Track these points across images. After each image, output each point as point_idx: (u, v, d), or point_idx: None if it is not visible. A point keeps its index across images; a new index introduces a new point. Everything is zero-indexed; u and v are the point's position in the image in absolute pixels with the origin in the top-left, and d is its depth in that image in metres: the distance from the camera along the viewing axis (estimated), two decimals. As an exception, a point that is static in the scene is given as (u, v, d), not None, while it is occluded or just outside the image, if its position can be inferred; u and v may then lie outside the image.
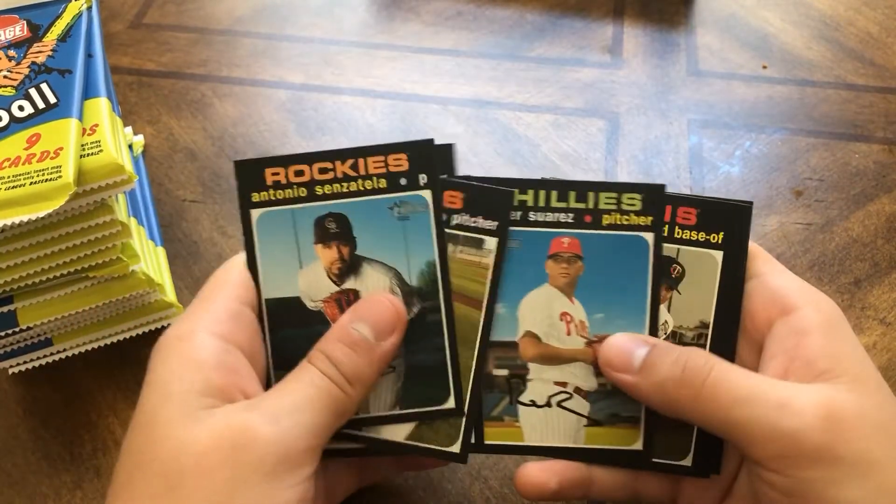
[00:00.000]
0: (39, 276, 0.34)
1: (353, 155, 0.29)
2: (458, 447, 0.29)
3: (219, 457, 0.23)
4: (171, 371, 0.25)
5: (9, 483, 0.37)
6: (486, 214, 0.29)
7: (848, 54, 0.57)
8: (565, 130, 0.52)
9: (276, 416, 0.24)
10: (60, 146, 0.32)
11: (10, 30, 0.38)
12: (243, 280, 0.29)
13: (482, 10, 0.62)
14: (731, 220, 0.29)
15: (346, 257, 0.29)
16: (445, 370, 0.29)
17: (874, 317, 0.41)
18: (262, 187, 0.29)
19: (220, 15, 0.63)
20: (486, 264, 0.29)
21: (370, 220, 0.29)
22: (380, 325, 0.28)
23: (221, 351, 0.26)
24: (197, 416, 0.24)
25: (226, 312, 0.27)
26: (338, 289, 0.29)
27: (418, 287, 0.29)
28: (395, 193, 0.29)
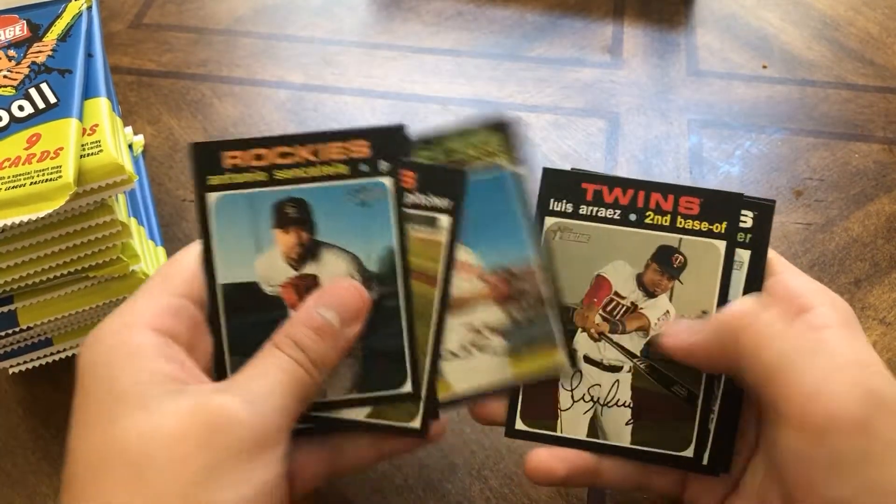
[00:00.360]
0: (39, 276, 0.34)
1: (315, 140, 0.29)
2: (418, 422, 0.29)
3: (194, 439, 0.23)
4: (115, 364, 0.25)
5: (9, 483, 0.37)
6: (440, 193, 0.29)
7: (848, 54, 0.57)
8: (565, 130, 0.52)
9: (251, 398, 0.24)
10: (60, 146, 0.32)
11: (10, 30, 0.38)
12: (188, 272, 0.28)
13: (482, 10, 0.62)
14: (734, 211, 0.30)
15: (305, 242, 0.29)
16: (403, 355, 0.29)
17: (874, 317, 0.41)
18: (220, 170, 0.29)
19: (220, 15, 0.63)
20: (441, 242, 0.29)
21: (330, 205, 0.29)
22: (345, 311, 0.28)
23: (162, 343, 0.26)
24: (156, 402, 0.23)
25: (164, 307, 0.27)
26: (296, 274, 0.29)
27: (377, 273, 0.29)
28: (356, 179, 0.29)
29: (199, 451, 0.23)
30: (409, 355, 0.29)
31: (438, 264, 0.29)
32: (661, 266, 0.30)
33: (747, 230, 0.30)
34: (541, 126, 0.52)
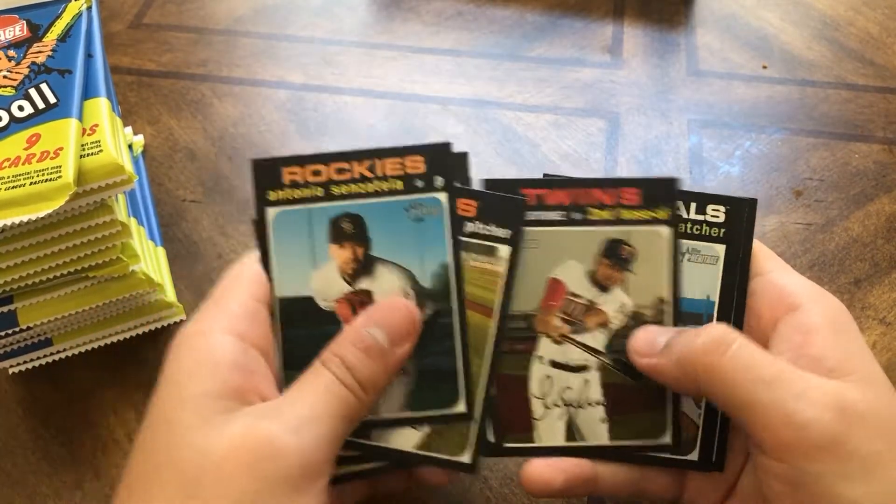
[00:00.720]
0: (39, 276, 0.34)
1: (371, 156, 0.29)
2: (468, 457, 0.29)
3: (239, 466, 0.23)
4: (187, 371, 0.25)
5: (9, 483, 0.37)
6: (499, 222, 0.29)
7: (848, 54, 0.57)
8: (565, 130, 0.52)
9: (297, 425, 0.24)
10: (60, 146, 0.32)
11: (10, 30, 0.38)
12: (258, 277, 0.29)
13: (482, 10, 0.62)
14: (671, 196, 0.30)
15: (361, 258, 0.29)
16: (456, 374, 0.29)
17: (874, 317, 0.41)
18: (279, 186, 0.29)
19: (219, 15, 0.63)
20: (498, 272, 0.29)
21: (385, 221, 0.29)
22: (395, 330, 0.27)
23: (238, 350, 0.26)
24: (214, 421, 0.24)
25: (242, 310, 0.27)
26: (351, 289, 0.29)
27: (431, 289, 0.29)
28: (411, 195, 0.29)
29: (244, 477, 0.23)
30: (464, 374, 0.29)
31: (495, 295, 0.29)
32: (612, 259, 0.30)
33: (719, 224, 0.30)
34: (541, 126, 0.52)
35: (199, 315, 0.27)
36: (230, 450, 0.23)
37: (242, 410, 0.25)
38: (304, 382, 0.26)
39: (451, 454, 0.29)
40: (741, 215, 0.30)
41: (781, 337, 0.27)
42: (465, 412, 0.29)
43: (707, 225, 0.30)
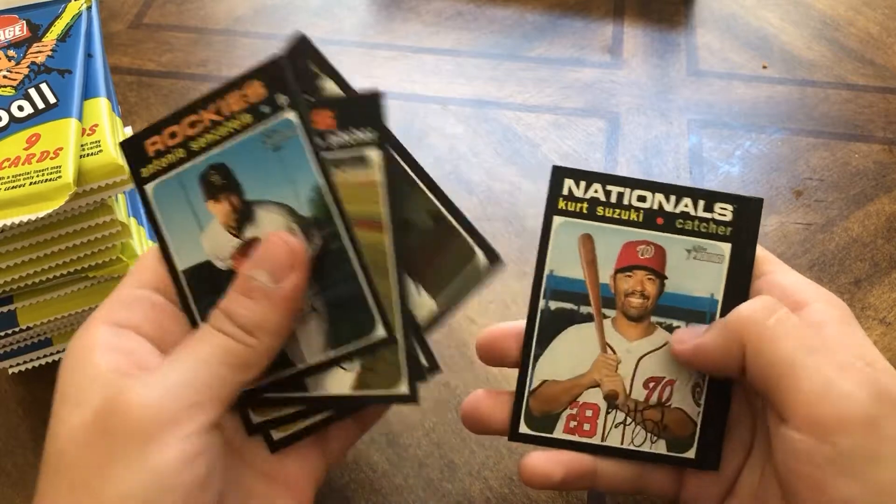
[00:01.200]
0: (39, 276, 0.34)
1: (213, 97, 0.27)
2: (405, 387, 0.28)
3: (94, 429, 0.23)
4: (68, 364, 0.25)
5: (9, 483, 0.37)
6: (362, 125, 0.27)
7: (848, 54, 0.57)
8: (565, 130, 0.52)
9: (153, 380, 0.24)
10: (60, 146, 0.32)
11: (10, 30, 0.38)
12: (145, 265, 0.28)
13: (482, 10, 0.62)
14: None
15: (238, 206, 0.28)
16: (365, 298, 0.27)
17: (874, 317, 0.41)
18: (147, 160, 0.28)
19: (219, 15, 0.63)
20: (376, 181, 0.27)
21: (248, 160, 0.27)
22: (273, 265, 0.26)
23: (110, 335, 0.26)
24: (85, 397, 0.24)
25: (119, 301, 0.27)
26: (240, 241, 0.28)
27: (314, 217, 0.27)
28: (263, 124, 0.27)
29: (99, 437, 0.23)
30: (371, 296, 0.27)
31: (380, 206, 0.27)
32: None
33: (726, 223, 0.30)
34: (541, 126, 0.52)
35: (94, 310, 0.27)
36: (87, 416, 0.23)
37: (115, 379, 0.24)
38: (183, 343, 0.26)
39: (387, 387, 0.28)
40: (748, 214, 0.30)
41: None
42: (385, 336, 0.28)
43: (714, 223, 0.30)
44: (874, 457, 0.23)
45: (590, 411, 0.30)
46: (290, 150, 0.27)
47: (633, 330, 0.30)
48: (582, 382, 0.30)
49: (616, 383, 0.30)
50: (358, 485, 0.36)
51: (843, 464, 0.23)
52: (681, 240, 0.30)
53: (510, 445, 0.37)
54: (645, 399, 0.30)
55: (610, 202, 0.30)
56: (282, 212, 0.27)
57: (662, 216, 0.30)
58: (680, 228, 0.30)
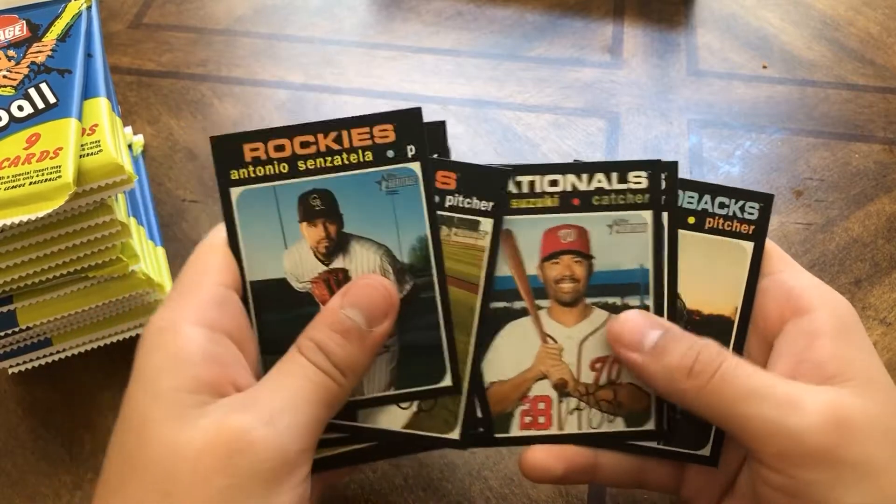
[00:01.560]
0: (39, 276, 0.34)
1: (337, 127, 0.28)
2: (457, 433, 0.29)
3: (214, 462, 0.22)
4: (158, 367, 0.24)
5: (9, 483, 0.37)
6: (481, 195, 0.28)
7: (848, 54, 0.57)
8: (565, 130, 0.52)
9: (271, 417, 0.23)
10: (60, 146, 0.32)
11: (10, 30, 0.38)
12: (226, 262, 0.27)
13: (482, 10, 0.62)
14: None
15: (333, 235, 0.28)
16: (441, 348, 0.28)
17: (874, 317, 0.41)
18: (241, 164, 0.28)
19: (219, 15, 0.62)
20: (482, 246, 0.29)
21: (357, 195, 0.28)
22: (372, 310, 0.26)
23: (208, 342, 0.25)
24: (188, 416, 0.23)
25: (211, 299, 0.26)
26: (325, 268, 0.28)
27: (410, 264, 0.28)
28: (383, 167, 0.28)
29: (218, 473, 0.22)
30: (448, 347, 0.28)
31: (479, 270, 0.29)
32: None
33: (642, 191, 0.29)
34: (541, 126, 0.52)
35: (166, 307, 0.26)
36: (203, 444, 0.23)
37: (216, 403, 0.24)
38: (280, 370, 0.26)
39: (439, 432, 0.29)
40: (663, 178, 0.29)
41: (786, 340, 0.27)
42: (451, 385, 0.28)
43: (631, 193, 0.29)
44: (839, 484, 0.23)
45: (542, 404, 0.30)
46: (404, 197, 0.28)
47: (569, 315, 0.29)
48: (529, 377, 0.30)
49: (562, 371, 0.30)
50: (358, 485, 0.36)
51: (811, 495, 0.24)
52: (600, 216, 0.29)
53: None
54: (594, 381, 0.29)
55: (523, 192, 0.29)
56: (379, 251, 0.28)
57: (578, 196, 0.29)
58: (597, 205, 0.29)
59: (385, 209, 0.28)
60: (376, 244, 0.28)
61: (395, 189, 0.28)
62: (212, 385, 0.24)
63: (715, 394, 0.25)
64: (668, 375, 0.26)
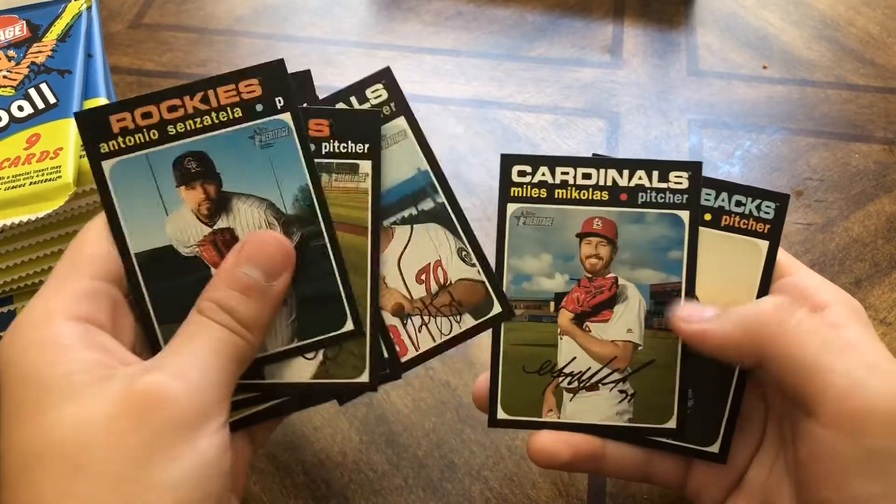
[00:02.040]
0: (39, 276, 0.34)
1: (202, 87, 0.28)
2: (366, 376, 0.29)
3: (128, 423, 0.22)
4: (37, 361, 0.24)
5: (9, 483, 0.37)
6: (356, 138, 0.29)
7: (848, 54, 0.57)
8: (565, 130, 0.52)
9: (181, 371, 0.24)
10: (60, 146, 0.32)
11: (10, 30, 0.38)
12: (99, 253, 0.27)
13: (482, 10, 0.62)
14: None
15: (214, 195, 0.28)
16: (339, 294, 0.28)
17: (874, 317, 0.41)
18: (109, 136, 0.27)
19: (220, 15, 0.63)
20: (364, 188, 0.29)
21: (232, 153, 0.28)
22: (269, 264, 0.26)
23: (83, 332, 0.24)
24: (87, 392, 0.23)
25: (79, 292, 0.26)
26: (210, 230, 0.28)
27: (295, 214, 0.28)
28: (254, 122, 0.28)
29: (134, 431, 0.22)
30: (345, 293, 0.28)
31: (366, 213, 0.29)
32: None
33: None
34: (541, 126, 0.52)
35: (35, 304, 0.25)
36: (113, 409, 0.22)
37: (117, 372, 0.24)
38: (184, 333, 0.25)
39: (348, 377, 0.29)
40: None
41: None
42: (353, 329, 0.29)
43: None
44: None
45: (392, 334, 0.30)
46: (279, 150, 0.28)
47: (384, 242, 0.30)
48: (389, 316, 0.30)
49: (393, 296, 0.30)
50: (358, 485, 0.36)
51: (869, 462, 0.23)
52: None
53: (510, 445, 0.37)
54: (427, 292, 0.30)
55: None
56: (262, 206, 0.28)
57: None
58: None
59: (262, 163, 0.28)
60: (258, 199, 0.28)
61: (269, 142, 0.28)
62: (100, 363, 0.24)
63: (796, 337, 0.25)
64: (743, 324, 0.26)
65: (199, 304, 0.26)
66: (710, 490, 0.30)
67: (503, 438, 0.37)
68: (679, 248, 0.30)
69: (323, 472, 0.36)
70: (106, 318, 0.26)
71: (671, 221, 0.30)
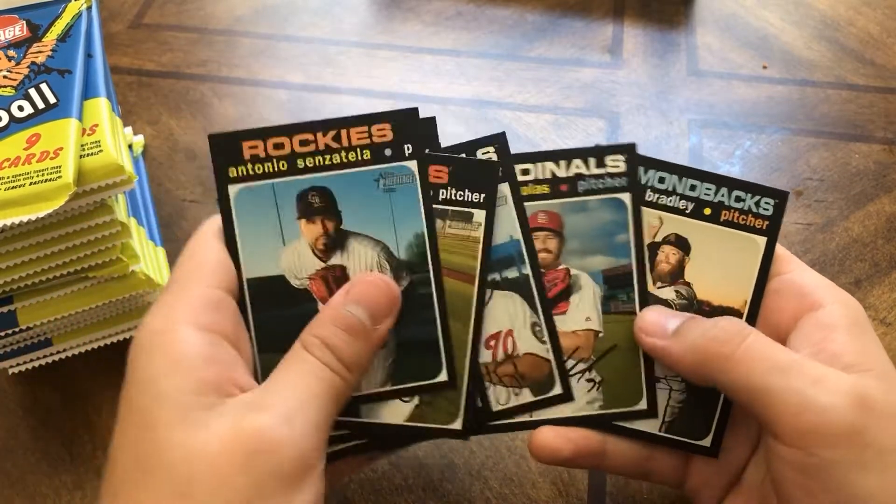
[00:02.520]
0: (39, 276, 0.34)
1: (336, 126, 0.28)
2: (459, 423, 0.29)
3: (233, 463, 0.22)
4: (158, 369, 0.24)
5: (9, 483, 0.37)
6: (473, 187, 0.29)
7: (848, 54, 0.57)
8: (565, 130, 0.52)
9: (287, 415, 0.23)
10: (60, 146, 0.32)
11: (10, 30, 0.38)
12: (221, 262, 0.27)
13: (482, 10, 0.62)
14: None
15: (332, 232, 0.28)
16: (437, 343, 0.29)
17: (874, 317, 0.41)
18: (240, 161, 0.28)
19: (220, 15, 0.63)
20: (476, 237, 0.29)
21: (355, 192, 0.28)
22: (376, 307, 0.27)
23: (207, 344, 0.25)
24: (198, 418, 0.23)
25: (206, 301, 0.26)
26: (324, 265, 0.28)
27: (407, 260, 0.29)
28: (380, 165, 0.28)
29: (241, 474, 0.22)
30: (444, 343, 0.29)
31: (474, 261, 0.29)
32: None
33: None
34: (541, 126, 0.52)
35: (160, 309, 0.25)
36: (221, 446, 0.22)
37: (226, 404, 0.24)
38: (287, 368, 0.25)
39: (441, 423, 0.29)
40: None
41: (801, 333, 0.27)
42: (447, 380, 0.29)
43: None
44: (860, 465, 0.23)
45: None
46: (401, 195, 0.29)
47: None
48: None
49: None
50: (358, 485, 0.36)
51: (830, 474, 0.23)
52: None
53: (510, 445, 0.37)
54: (493, 359, 0.30)
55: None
56: (376, 248, 0.29)
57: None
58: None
59: (382, 207, 0.28)
60: (374, 241, 0.29)
61: (392, 187, 0.28)
62: (215, 386, 0.24)
63: (742, 364, 0.25)
64: (693, 350, 0.27)
65: (303, 339, 0.26)
66: (708, 488, 0.30)
67: (503, 438, 0.37)
68: (624, 230, 0.30)
69: (323, 472, 0.36)
70: (228, 327, 0.26)
71: (614, 205, 0.30)
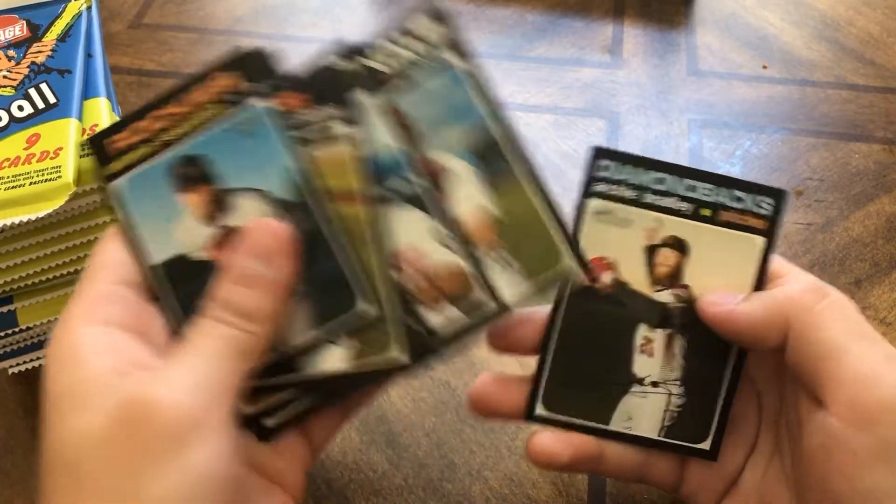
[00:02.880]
0: (39, 276, 0.34)
1: (180, 91, 0.28)
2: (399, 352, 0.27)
3: (118, 435, 0.22)
4: (54, 369, 0.24)
5: (9, 483, 0.37)
6: (324, 101, 0.28)
7: (848, 54, 0.57)
8: (565, 130, 0.52)
9: (171, 378, 0.23)
10: (60, 146, 0.32)
11: (10, 30, 0.38)
12: (114, 259, 0.27)
13: (482, 10, 0.62)
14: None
15: (213, 196, 0.28)
16: (342, 273, 0.27)
17: (874, 317, 0.41)
18: (112, 157, 0.28)
19: (220, 15, 0.63)
20: (346, 153, 0.28)
21: (220, 149, 0.28)
22: (262, 250, 0.26)
23: (100, 335, 0.25)
24: (88, 404, 0.23)
25: (96, 297, 0.26)
26: (216, 230, 0.28)
27: (291, 199, 0.28)
28: (230, 114, 0.28)
29: (125, 443, 0.22)
30: (349, 272, 0.27)
31: (354, 177, 0.28)
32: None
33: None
34: (541, 126, 0.52)
35: (61, 317, 0.26)
36: (107, 420, 0.22)
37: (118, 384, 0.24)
38: (186, 337, 0.25)
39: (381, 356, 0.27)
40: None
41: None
42: (365, 309, 0.27)
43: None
44: None
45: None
46: (261, 136, 0.28)
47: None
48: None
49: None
50: (358, 485, 0.36)
51: (883, 454, 0.23)
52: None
53: (510, 445, 0.37)
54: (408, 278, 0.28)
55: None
56: (258, 197, 0.28)
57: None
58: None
59: (249, 154, 0.28)
60: (254, 191, 0.28)
61: (249, 131, 0.28)
62: (114, 371, 0.24)
63: (823, 321, 0.25)
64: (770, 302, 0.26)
65: (202, 306, 0.26)
66: (704, 491, 0.30)
67: (503, 438, 0.37)
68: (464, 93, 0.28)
69: (323, 472, 0.36)
70: (131, 320, 0.26)
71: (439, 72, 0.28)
